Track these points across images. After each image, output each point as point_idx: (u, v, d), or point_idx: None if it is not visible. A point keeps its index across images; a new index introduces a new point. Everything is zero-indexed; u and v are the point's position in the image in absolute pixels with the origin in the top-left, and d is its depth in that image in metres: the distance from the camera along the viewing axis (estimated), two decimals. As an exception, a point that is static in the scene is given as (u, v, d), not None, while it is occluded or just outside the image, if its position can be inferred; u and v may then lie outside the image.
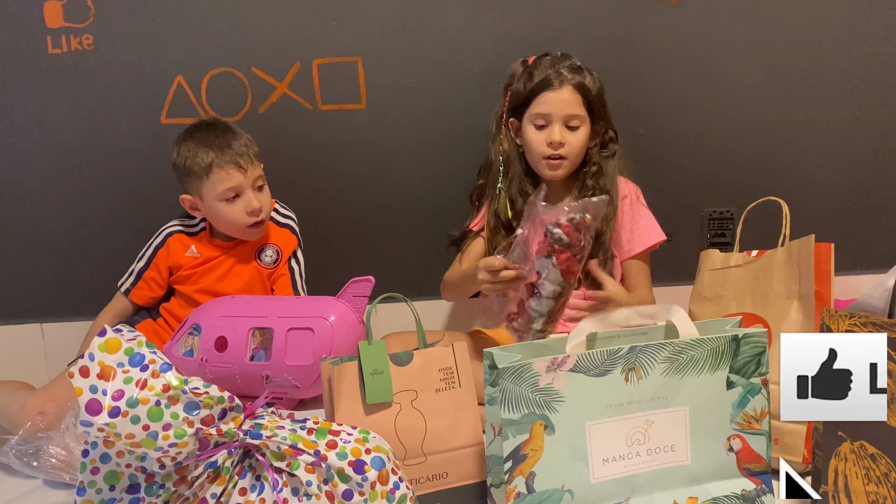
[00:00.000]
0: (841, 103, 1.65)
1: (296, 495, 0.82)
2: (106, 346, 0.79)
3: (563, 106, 1.38)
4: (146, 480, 0.82)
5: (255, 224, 1.46)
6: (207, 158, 1.40)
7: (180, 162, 1.43)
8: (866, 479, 0.85)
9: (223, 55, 1.57)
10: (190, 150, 1.42)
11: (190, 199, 1.46)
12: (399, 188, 1.65)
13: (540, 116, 1.40)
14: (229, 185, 1.41)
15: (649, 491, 0.90)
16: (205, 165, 1.40)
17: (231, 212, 1.44)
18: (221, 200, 1.43)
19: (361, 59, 1.59)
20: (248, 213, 1.44)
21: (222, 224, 1.48)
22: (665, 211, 1.52)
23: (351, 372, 0.98)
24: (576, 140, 1.40)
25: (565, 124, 1.39)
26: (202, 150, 1.40)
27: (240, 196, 1.43)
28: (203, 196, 1.44)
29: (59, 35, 1.54)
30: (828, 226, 1.66)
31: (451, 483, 0.99)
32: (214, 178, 1.41)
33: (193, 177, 1.42)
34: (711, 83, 1.64)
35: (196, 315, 1.38)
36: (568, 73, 1.38)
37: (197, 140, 1.42)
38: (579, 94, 1.38)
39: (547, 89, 1.38)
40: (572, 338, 0.89)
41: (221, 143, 1.41)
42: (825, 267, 1.10)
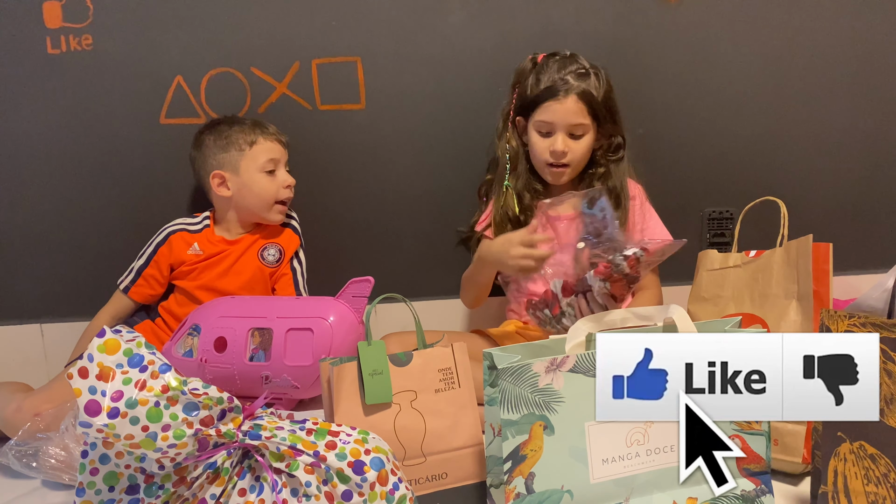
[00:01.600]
0: (840, 103, 1.65)
1: (295, 496, 0.82)
2: (105, 346, 0.79)
3: (566, 116, 1.38)
4: (145, 481, 0.82)
5: (284, 203, 1.53)
6: (253, 133, 1.49)
7: (218, 140, 1.49)
8: (866, 479, 0.85)
9: (222, 55, 1.57)
10: (231, 128, 1.49)
11: (221, 175, 1.49)
12: (398, 188, 1.65)
13: (544, 124, 1.40)
14: (273, 155, 1.50)
15: (649, 491, 0.90)
16: (250, 138, 1.48)
17: (269, 184, 1.50)
18: (262, 171, 1.49)
19: (361, 59, 1.59)
20: (285, 186, 1.51)
21: (253, 198, 1.51)
22: (665, 210, 1.53)
23: (350, 372, 0.98)
24: (579, 148, 1.41)
25: (569, 133, 1.40)
26: (245, 127, 1.50)
27: (276, 171, 1.51)
28: (241, 168, 1.48)
29: (58, 35, 1.54)
30: (826, 226, 1.66)
31: (450, 483, 0.99)
32: (258, 148, 1.49)
33: (234, 149, 1.48)
34: (711, 83, 1.64)
35: (195, 315, 1.38)
36: (574, 81, 1.38)
37: (230, 122, 1.51)
38: (583, 103, 1.38)
39: (551, 98, 1.38)
40: (571, 338, 0.89)
41: (260, 124, 1.52)
42: (824, 267, 1.10)
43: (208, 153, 1.49)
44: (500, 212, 1.48)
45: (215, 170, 1.49)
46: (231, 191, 1.50)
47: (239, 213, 1.54)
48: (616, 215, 1.21)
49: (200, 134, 1.51)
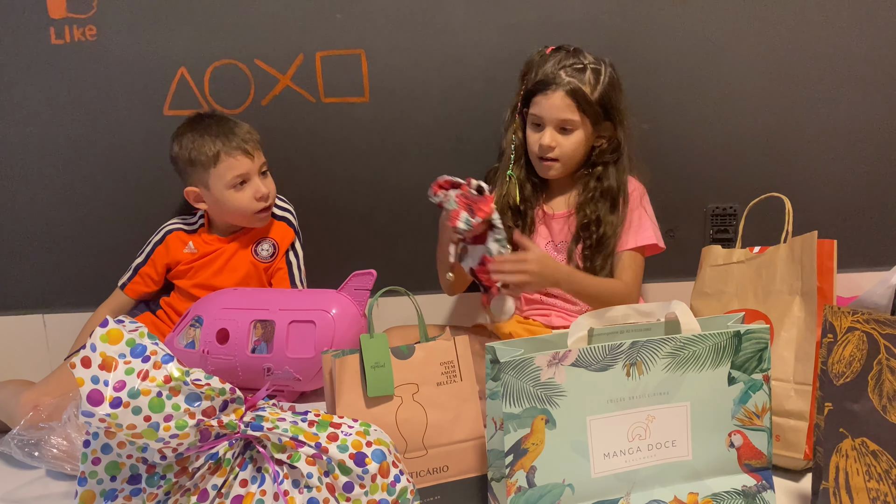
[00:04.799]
0: (845, 100, 1.64)
1: (296, 487, 0.82)
2: (108, 336, 0.79)
3: (553, 111, 1.38)
4: (147, 471, 0.82)
5: (263, 210, 1.49)
6: (214, 147, 1.41)
7: (184, 154, 1.43)
8: (867, 475, 0.85)
9: (226, 47, 1.57)
10: (194, 142, 1.42)
11: (195, 192, 1.47)
12: (401, 181, 1.65)
13: (535, 117, 1.41)
14: (238, 171, 1.43)
15: (650, 486, 0.90)
16: (212, 154, 1.41)
17: (240, 199, 1.45)
18: (230, 188, 1.44)
19: (365, 51, 1.59)
20: (257, 198, 1.46)
21: (229, 213, 1.49)
22: (668, 206, 1.52)
23: (352, 365, 0.98)
24: (568, 143, 1.40)
25: (559, 128, 1.39)
26: (208, 140, 1.42)
27: (247, 182, 1.45)
28: (210, 185, 1.44)
29: (62, 25, 1.54)
30: (831, 222, 1.65)
31: (451, 476, 0.99)
32: (223, 165, 1.42)
33: (199, 167, 1.43)
34: (715, 79, 1.63)
35: (198, 307, 1.38)
36: (566, 76, 1.36)
37: (199, 131, 1.43)
38: (571, 99, 1.36)
39: (539, 93, 1.38)
40: (573, 332, 0.89)
41: (226, 131, 1.43)
42: (828, 263, 1.10)
43: (179, 166, 1.47)
44: (501, 200, 1.48)
45: (188, 185, 1.47)
46: (207, 204, 1.49)
47: (224, 220, 1.53)
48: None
49: (172, 142, 1.47)
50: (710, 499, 0.91)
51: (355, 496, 0.81)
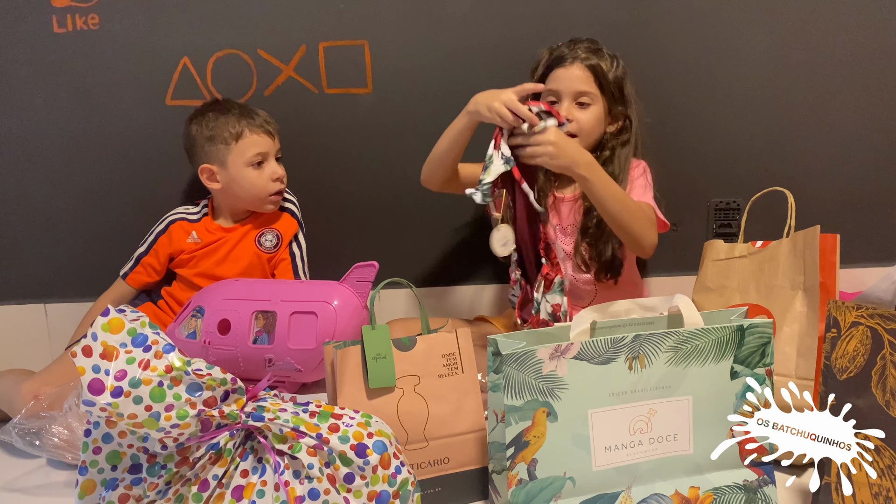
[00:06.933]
0: (849, 94, 1.64)
1: (297, 478, 0.82)
2: (109, 326, 0.79)
3: (571, 82, 1.38)
4: (148, 461, 0.82)
5: (276, 193, 1.51)
6: (239, 125, 1.45)
7: (204, 132, 1.45)
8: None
9: (229, 37, 1.56)
10: (217, 119, 1.46)
11: (210, 169, 1.47)
12: (404, 173, 1.64)
13: (551, 93, 1.40)
14: (260, 149, 1.47)
15: (651, 480, 0.89)
16: (236, 131, 1.45)
17: (257, 178, 1.48)
18: (249, 165, 1.46)
19: (368, 42, 1.58)
20: (274, 179, 1.49)
21: (243, 192, 1.49)
22: (671, 200, 1.51)
23: (354, 356, 0.98)
24: (585, 118, 1.39)
25: (575, 101, 1.39)
26: (232, 118, 1.46)
27: (265, 163, 1.48)
28: (228, 163, 1.46)
29: (64, 14, 1.53)
30: (833, 217, 1.64)
31: (452, 468, 0.99)
32: (245, 142, 1.45)
33: (220, 143, 1.45)
34: (719, 73, 1.62)
35: (199, 297, 1.38)
36: (583, 53, 1.38)
37: (221, 111, 1.47)
38: (590, 72, 1.38)
39: (558, 66, 1.39)
40: (576, 325, 0.89)
41: (249, 112, 1.48)
42: (830, 258, 1.09)
43: (196, 145, 1.48)
44: None
45: (203, 163, 1.47)
46: (221, 184, 1.49)
47: (232, 204, 1.54)
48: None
49: (189, 122, 1.49)
50: (711, 493, 0.91)
51: (356, 487, 0.81)
